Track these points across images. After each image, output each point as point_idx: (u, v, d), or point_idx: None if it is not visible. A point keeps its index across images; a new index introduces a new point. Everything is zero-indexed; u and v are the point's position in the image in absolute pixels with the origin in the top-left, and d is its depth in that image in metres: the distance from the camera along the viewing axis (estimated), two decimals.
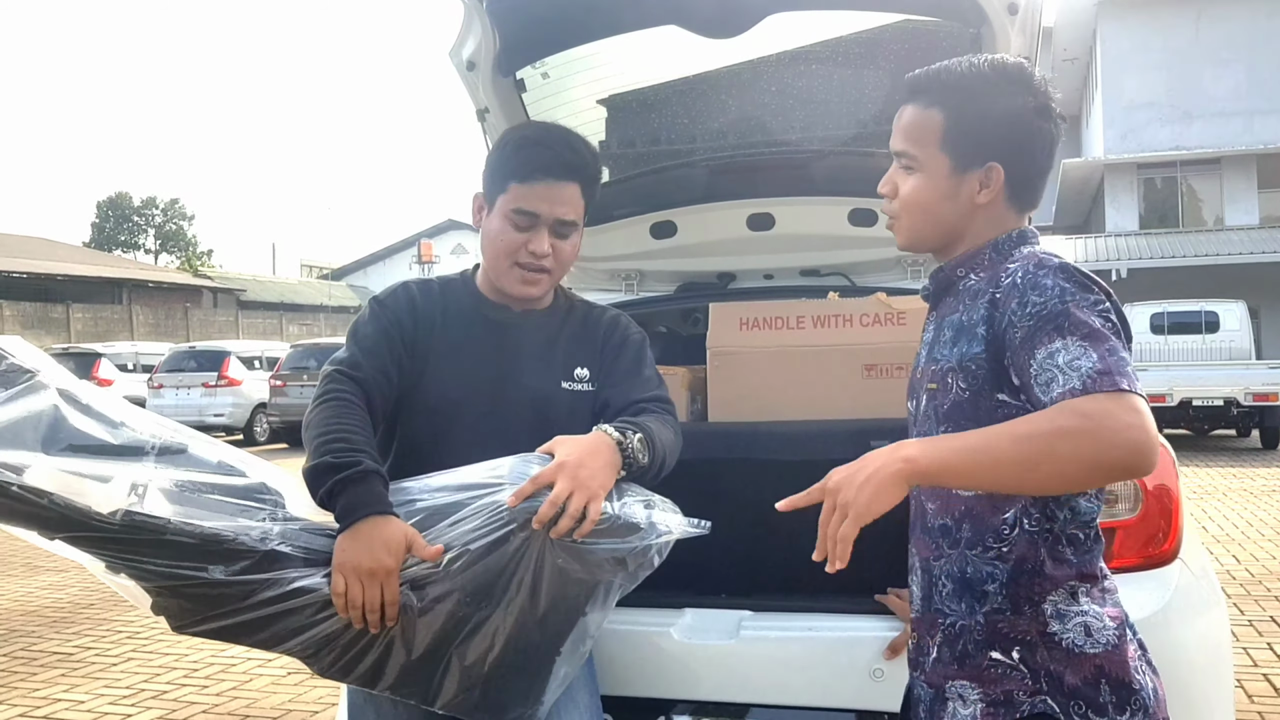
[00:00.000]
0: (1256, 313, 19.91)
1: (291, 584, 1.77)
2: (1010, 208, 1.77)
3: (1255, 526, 9.25)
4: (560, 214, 2.13)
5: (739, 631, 2.36)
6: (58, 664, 5.66)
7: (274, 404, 19.40)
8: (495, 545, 1.80)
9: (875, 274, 3.54)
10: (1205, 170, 27.71)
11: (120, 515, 1.68)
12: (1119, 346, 1.53)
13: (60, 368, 1.88)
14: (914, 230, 1.82)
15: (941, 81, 1.76)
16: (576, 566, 1.86)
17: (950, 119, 1.74)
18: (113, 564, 1.74)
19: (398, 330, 2.14)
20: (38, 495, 1.64)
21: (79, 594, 7.43)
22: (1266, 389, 15.72)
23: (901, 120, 1.80)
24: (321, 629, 1.80)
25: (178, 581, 1.73)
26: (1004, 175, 1.73)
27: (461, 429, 2.10)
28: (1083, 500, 1.67)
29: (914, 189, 1.78)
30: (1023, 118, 1.72)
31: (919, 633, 1.81)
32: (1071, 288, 1.58)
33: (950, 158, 1.74)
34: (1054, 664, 1.62)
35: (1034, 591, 1.65)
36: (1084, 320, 1.54)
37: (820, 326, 2.86)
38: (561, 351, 2.22)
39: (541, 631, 1.90)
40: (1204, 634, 2.37)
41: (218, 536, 1.74)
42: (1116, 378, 1.48)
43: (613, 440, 1.94)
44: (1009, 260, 1.71)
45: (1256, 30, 26.02)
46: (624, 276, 3.72)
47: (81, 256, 40.97)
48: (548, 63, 3.08)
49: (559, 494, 1.79)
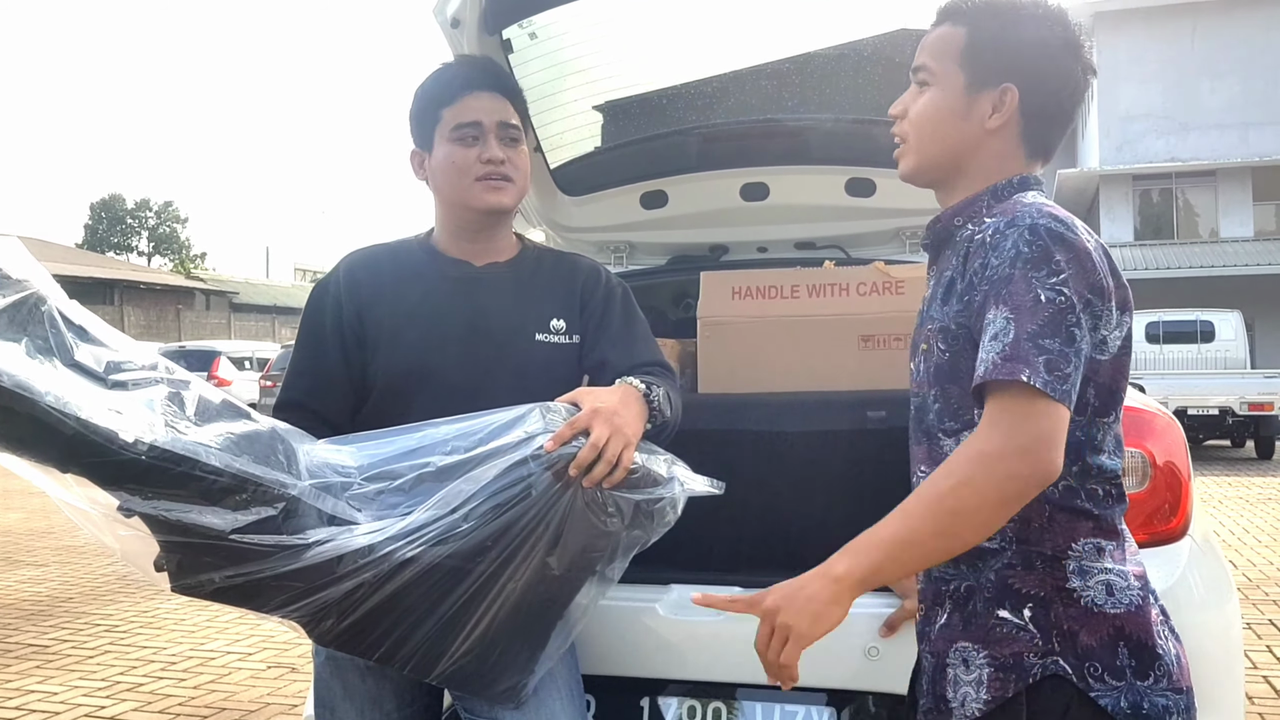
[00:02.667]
0: (1251, 324, 19.90)
1: (310, 538, 1.64)
2: (1021, 146, 1.67)
3: (1251, 533, 9.23)
4: (501, 117, 2.11)
5: None
6: (33, 656, 5.55)
7: (264, 404, 19.32)
8: (521, 495, 1.72)
9: (873, 247, 3.45)
10: (1200, 182, 27.79)
11: (147, 445, 1.53)
12: (1053, 329, 1.43)
13: (50, 279, 1.69)
14: (920, 151, 1.72)
15: (971, 2, 1.69)
16: (601, 517, 1.80)
17: (972, 34, 1.66)
18: (128, 503, 1.57)
19: (335, 321, 2.10)
20: (61, 414, 1.47)
21: (57, 587, 7.32)
22: (1262, 399, 15.72)
23: (927, 39, 1.72)
24: (328, 593, 1.68)
25: (195, 529, 1.58)
26: (1019, 100, 1.64)
27: (433, 393, 2.02)
28: (1103, 457, 1.57)
29: (925, 104, 1.70)
30: (1048, 46, 1.64)
31: (925, 604, 1.71)
32: (1027, 252, 1.48)
33: (966, 73, 1.66)
34: (1069, 622, 1.51)
35: (1046, 546, 1.54)
36: (1024, 294, 1.45)
37: (815, 296, 2.78)
38: (533, 303, 2.14)
39: (550, 591, 1.83)
40: (1214, 613, 2.30)
41: (252, 478, 1.61)
42: (1018, 365, 1.41)
43: (640, 391, 1.92)
44: (998, 208, 1.62)
45: (1252, 43, 26.11)
46: (613, 248, 3.63)
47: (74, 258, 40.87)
48: (535, 22, 2.98)
49: (598, 438, 1.75)
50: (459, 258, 2.16)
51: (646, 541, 1.88)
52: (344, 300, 2.11)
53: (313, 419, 2.03)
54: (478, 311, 2.10)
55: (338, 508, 1.71)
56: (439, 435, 1.80)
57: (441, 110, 2.10)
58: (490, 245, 2.17)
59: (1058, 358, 1.42)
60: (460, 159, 2.09)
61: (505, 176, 2.10)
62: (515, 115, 2.14)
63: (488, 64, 2.24)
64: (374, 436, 1.84)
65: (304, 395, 2.11)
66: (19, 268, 1.64)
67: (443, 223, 2.18)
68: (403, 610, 1.74)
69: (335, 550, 1.65)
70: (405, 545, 1.68)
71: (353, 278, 2.14)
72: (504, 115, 2.11)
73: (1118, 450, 1.60)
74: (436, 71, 2.18)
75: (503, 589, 1.76)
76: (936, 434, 1.67)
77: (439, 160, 2.11)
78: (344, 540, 1.66)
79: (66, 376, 1.57)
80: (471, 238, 2.16)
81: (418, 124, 2.15)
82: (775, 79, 3.21)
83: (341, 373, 2.09)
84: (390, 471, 1.77)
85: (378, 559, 1.67)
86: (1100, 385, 1.55)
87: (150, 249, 63.37)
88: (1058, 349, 1.43)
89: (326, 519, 1.70)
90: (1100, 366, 1.54)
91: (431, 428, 1.82)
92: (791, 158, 3.23)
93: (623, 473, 1.77)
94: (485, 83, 2.12)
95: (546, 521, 1.74)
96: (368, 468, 1.79)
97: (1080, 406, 1.53)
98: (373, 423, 2.00)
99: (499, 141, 2.10)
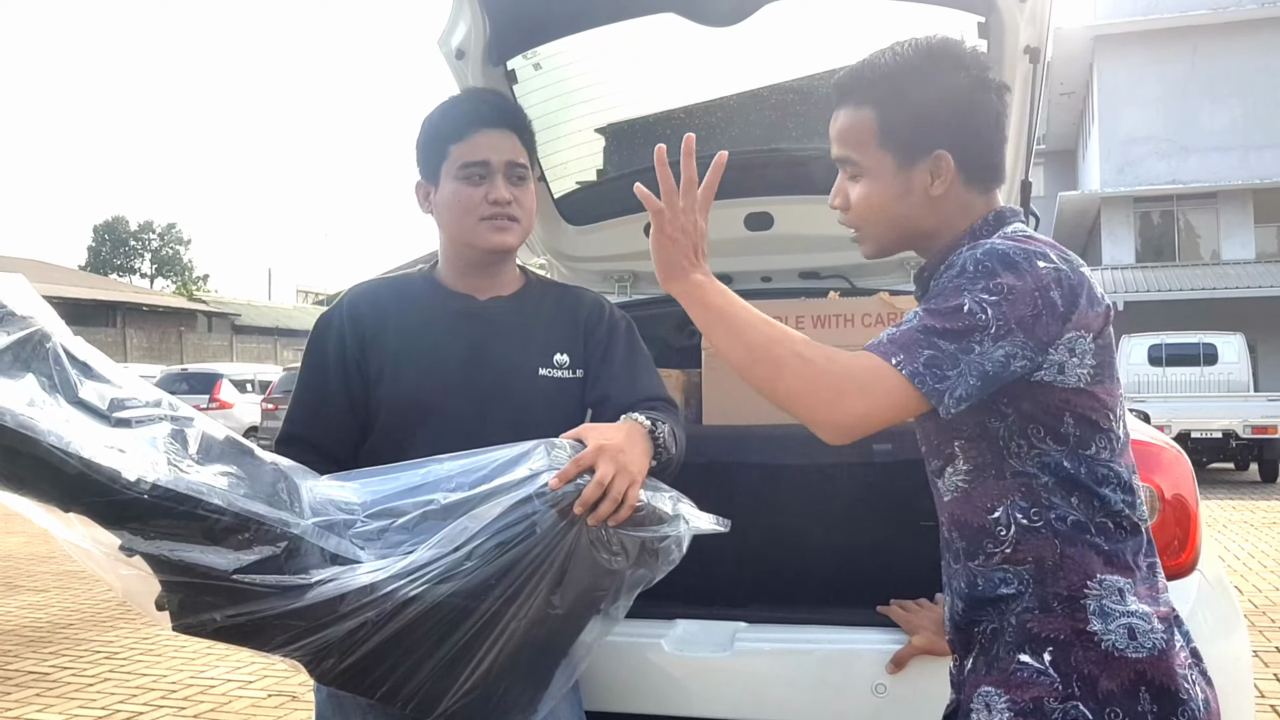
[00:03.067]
0: (1254, 346, 19.87)
1: (313, 578, 1.63)
2: (972, 190, 1.67)
3: (1257, 558, 9.17)
4: (509, 157, 2.09)
5: (733, 644, 2.25)
6: (33, 683, 5.52)
7: (266, 427, 19.31)
8: (526, 532, 1.70)
9: (876, 276, 3.44)
10: (1201, 204, 27.82)
11: (150, 484, 1.52)
12: (947, 331, 1.45)
13: (54, 315, 1.69)
14: (877, 238, 1.72)
15: (866, 78, 1.66)
16: (605, 555, 1.78)
17: (882, 114, 1.64)
18: (130, 543, 1.56)
19: (338, 355, 2.09)
20: (64, 454, 1.46)
21: (58, 614, 7.28)
22: (1266, 422, 15.67)
23: (835, 127, 1.71)
24: (330, 632, 1.66)
25: (197, 569, 1.57)
26: (953, 161, 1.63)
27: (435, 427, 2.01)
28: (1107, 490, 1.55)
29: (864, 195, 1.68)
30: (959, 96, 1.63)
31: (958, 653, 1.70)
32: (972, 269, 1.49)
33: (892, 154, 1.65)
34: (1089, 666, 1.49)
35: (1062, 586, 1.53)
36: (949, 296, 1.48)
37: (821, 327, 2.78)
38: (537, 337, 2.13)
39: (554, 629, 1.81)
40: (1224, 649, 2.26)
41: (255, 517, 1.60)
42: (895, 351, 1.45)
43: (645, 428, 1.90)
44: None
45: (1252, 66, 26.19)
46: (617, 278, 3.62)
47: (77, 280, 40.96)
48: (540, 53, 2.99)
49: (603, 475, 1.73)
50: (463, 291, 2.15)
51: (651, 580, 1.86)
52: (347, 334, 2.10)
53: (315, 453, 2.03)
54: (480, 346, 2.09)
55: (341, 546, 1.70)
56: (443, 471, 1.78)
57: (450, 146, 2.09)
58: (494, 279, 2.17)
59: (944, 359, 1.44)
60: (466, 198, 2.08)
61: (511, 216, 2.09)
62: (524, 153, 2.13)
63: (498, 100, 2.22)
64: (378, 473, 1.83)
65: (306, 429, 2.10)
66: (24, 304, 1.63)
67: (447, 257, 2.18)
68: (405, 649, 1.72)
69: (338, 589, 1.64)
70: (408, 584, 1.66)
71: (356, 312, 2.13)
72: (512, 154, 2.10)
73: (1123, 485, 1.57)
74: (445, 105, 2.16)
75: (506, 627, 1.74)
76: (933, 478, 1.69)
77: (445, 197, 2.10)
78: (346, 579, 1.65)
79: (70, 414, 1.56)
80: (476, 273, 2.15)
81: (425, 156, 2.13)
82: (779, 109, 3.21)
83: (344, 407, 2.08)
84: (394, 509, 1.75)
85: (380, 598, 1.65)
86: (1078, 415, 1.54)
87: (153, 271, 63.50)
88: (950, 352, 1.45)
89: (329, 558, 1.68)
90: (1072, 395, 1.53)
91: (435, 464, 1.80)
92: (796, 187, 3.21)
93: (628, 511, 1.75)
94: (495, 119, 2.11)
95: (551, 560, 1.72)
96: (371, 504, 1.77)
97: (1061, 437, 1.54)
98: (376, 456, 1.99)
99: (506, 181, 2.08)
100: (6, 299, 1.61)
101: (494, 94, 2.25)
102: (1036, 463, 1.55)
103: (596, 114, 3.30)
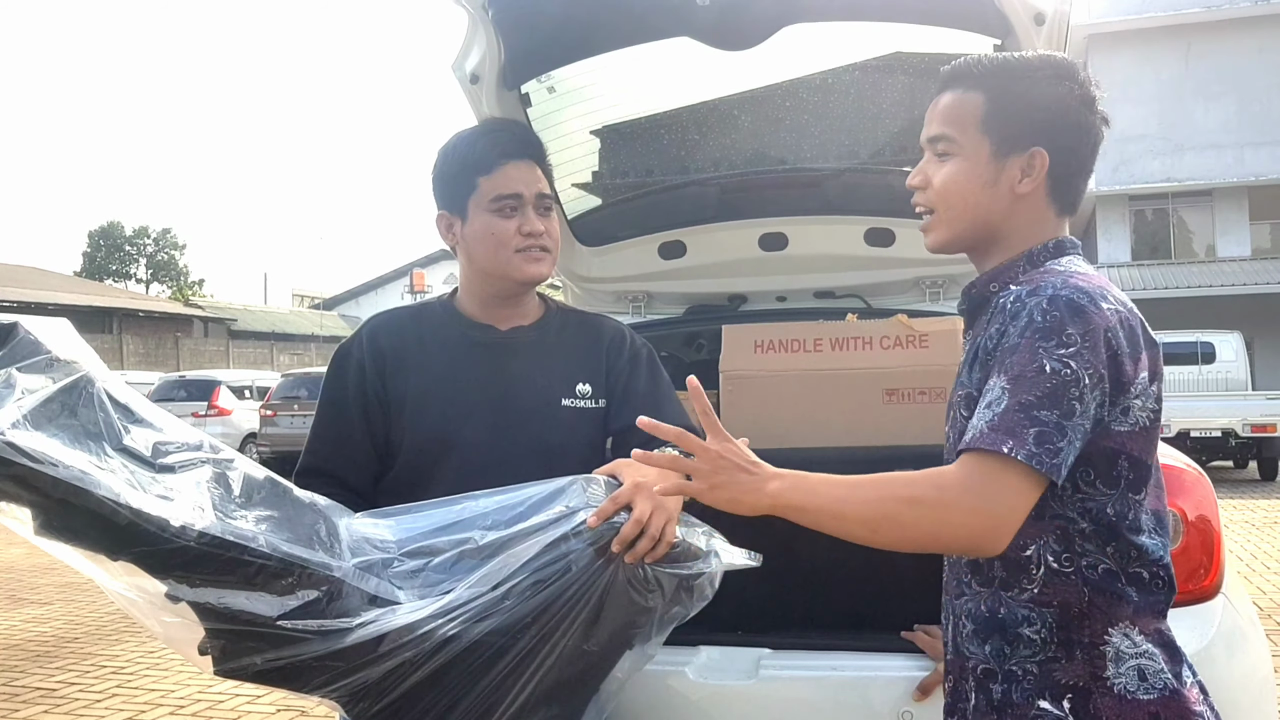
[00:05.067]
0: (1251, 344, 19.89)
1: (354, 621, 1.63)
2: (1050, 206, 1.65)
3: (1260, 559, 9.15)
4: (539, 188, 2.11)
5: (758, 671, 2.25)
6: (41, 700, 5.49)
7: (264, 434, 19.20)
8: (562, 571, 1.71)
9: (892, 296, 3.44)
10: (1197, 202, 27.86)
11: (197, 532, 1.52)
12: (1051, 401, 1.40)
13: (97, 359, 1.70)
14: (951, 223, 1.68)
15: (981, 66, 1.66)
16: (641, 593, 1.79)
17: (992, 99, 1.63)
18: (176, 590, 1.56)
19: (358, 387, 2.09)
20: (116, 504, 1.47)
21: (63, 627, 7.26)
22: (1265, 420, 15.68)
23: (938, 106, 1.68)
24: (369, 672, 1.66)
25: (241, 616, 1.58)
26: (1049, 163, 1.61)
27: (458, 459, 2.01)
28: (1144, 538, 1.53)
29: (951, 174, 1.65)
30: (1068, 105, 1.62)
31: (954, 677, 1.67)
32: (1040, 322, 1.45)
33: (991, 140, 1.62)
34: (1106, 712, 1.48)
35: (1085, 634, 1.51)
36: (1026, 364, 1.43)
37: (839, 349, 2.77)
38: (558, 367, 2.13)
39: (588, 666, 1.81)
40: (1248, 674, 2.27)
41: (299, 562, 1.61)
42: (1002, 438, 1.40)
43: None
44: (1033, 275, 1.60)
45: (1245, 64, 26.23)
46: (631, 298, 3.61)
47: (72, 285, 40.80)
48: (554, 76, 2.98)
49: (641, 513, 1.73)
50: (484, 322, 2.15)
51: (685, 616, 1.86)
52: (367, 365, 2.10)
53: (335, 485, 2.02)
54: (503, 377, 2.08)
55: (380, 588, 1.70)
56: (478, 509, 1.79)
57: (478, 178, 2.08)
58: (516, 309, 2.17)
59: (1052, 430, 1.40)
60: (500, 230, 2.08)
61: (544, 248, 2.10)
62: (546, 183, 2.14)
63: (521, 131, 2.24)
64: (412, 510, 1.83)
65: (326, 462, 2.09)
66: (68, 349, 1.64)
67: (471, 288, 2.17)
68: (442, 688, 1.72)
69: (378, 630, 1.64)
70: (446, 623, 1.67)
71: (375, 343, 2.13)
72: (541, 186, 2.12)
73: (1159, 529, 1.56)
74: (466, 136, 2.16)
75: (541, 665, 1.74)
76: None
77: (477, 230, 2.10)
78: (386, 620, 1.65)
79: (117, 464, 1.56)
80: (500, 304, 2.15)
81: (449, 188, 2.13)
82: (794, 130, 3.21)
83: (364, 439, 2.08)
84: (430, 547, 1.76)
85: (419, 637, 1.66)
86: (1133, 459, 1.52)
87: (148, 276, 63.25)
88: (1054, 421, 1.40)
89: (369, 599, 1.68)
90: (1129, 439, 1.51)
91: (470, 500, 1.80)
92: (810, 208, 3.22)
93: (665, 548, 1.75)
94: (520, 151, 2.12)
95: (587, 598, 1.73)
96: (407, 542, 1.77)
97: (1112, 480, 1.51)
98: (397, 488, 1.99)
99: (536, 213, 2.09)
100: (51, 344, 1.62)
101: (517, 125, 2.28)
102: (1078, 508, 1.52)
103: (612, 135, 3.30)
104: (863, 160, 3.23)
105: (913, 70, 2.96)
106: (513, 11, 2.73)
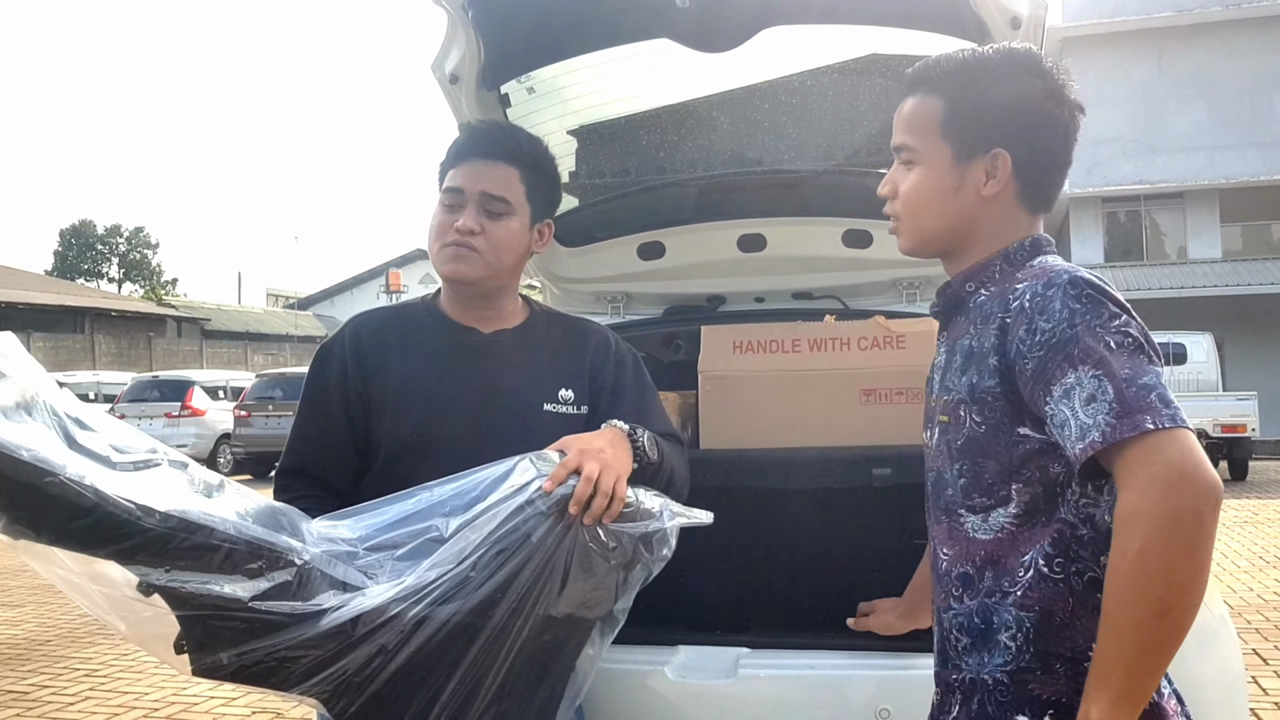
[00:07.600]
0: (1221, 345, 20.09)
1: (325, 604, 1.65)
2: (1021, 206, 1.64)
3: (1230, 558, 9.25)
4: (485, 188, 2.07)
5: (737, 670, 2.25)
6: (12, 703, 5.45)
7: (239, 434, 19.10)
8: (524, 539, 1.74)
9: (870, 297, 3.45)
10: (1169, 204, 28.11)
11: (162, 513, 1.54)
12: (1142, 367, 1.38)
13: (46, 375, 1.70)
14: (918, 230, 1.68)
15: (940, 68, 1.65)
16: (603, 553, 1.82)
17: (950, 104, 1.62)
18: (147, 577, 1.57)
19: (339, 386, 2.09)
20: (80, 486, 1.48)
21: (34, 630, 7.20)
22: (1235, 420, 15.88)
23: (901, 113, 1.68)
24: (347, 660, 1.67)
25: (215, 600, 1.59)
26: (1011, 163, 1.60)
27: (438, 460, 1.99)
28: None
29: (914, 183, 1.66)
30: (1030, 100, 1.60)
31: (939, 690, 1.66)
32: (1081, 308, 1.43)
33: (951, 145, 1.62)
34: None
35: (1065, 647, 1.49)
36: (1096, 345, 1.40)
37: (817, 350, 2.78)
38: (542, 372, 2.13)
39: (561, 637, 1.83)
40: (1220, 671, 2.29)
41: (267, 544, 1.63)
42: (1139, 417, 1.34)
43: (624, 432, 1.94)
44: (1019, 274, 1.58)
45: (1217, 67, 26.49)
46: (610, 299, 3.61)
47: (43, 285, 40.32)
48: (534, 77, 2.99)
49: (591, 472, 1.77)
50: (466, 324, 2.14)
51: (649, 576, 1.88)
52: (349, 365, 2.09)
53: (318, 485, 2.03)
54: (485, 380, 2.08)
55: (348, 574, 1.72)
56: (434, 497, 1.81)
57: (446, 171, 2.12)
58: (497, 312, 2.16)
59: (1164, 389, 1.38)
60: (438, 224, 2.11)
61: (470, 247, 2.06)
62: (518, 189, 2.11)
63: (497, 132, 2.20)
64: (368, 508, 1.84)
65: (308, 461, 2.09)
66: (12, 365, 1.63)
67: (443, 287, 2.19)
68: (419, 679, 1.73)
69: (351, 613, 1.66)
70: (417, 603, 1.69)
71: (358, 342, 2.12)
72: (490, 186, 2.08)
73: None
74: (460, 130, 2.23)
75: (514, 641, 1.76)
76: (959, 511, 1.60)
77: (430, 222, 2.14)
78: (357, 603, 1.67)
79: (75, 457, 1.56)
80: (466, 303, 2.15)
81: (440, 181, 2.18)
82: (772, 131, 3.22)
83: (345, 438, 2.08)
84: (391, 540, 1.78)
85: (392, 619, 1.67)
86: None
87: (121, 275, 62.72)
88: (1157, 382, 1.38)
89: (339, 585, 1.70)
90: None
91: (424, 491, 1.82)
92: (789, 209, 3.23)
93: (619, 504, 1.80)
94: (490, 151, 2.11)
95: (551, 565, 1.76)
96: (368, 538, 1.79)
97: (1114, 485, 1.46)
98: (377, 489, 1.98)
99: (477, 211, 2.07)
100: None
101: (496, 127, 2.24)
102: (1083, 513, 1.50)
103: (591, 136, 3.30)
104: (841, 162, 3.24)
105: (890, 72, 2.97)
106: (492, 12, 2.73)
